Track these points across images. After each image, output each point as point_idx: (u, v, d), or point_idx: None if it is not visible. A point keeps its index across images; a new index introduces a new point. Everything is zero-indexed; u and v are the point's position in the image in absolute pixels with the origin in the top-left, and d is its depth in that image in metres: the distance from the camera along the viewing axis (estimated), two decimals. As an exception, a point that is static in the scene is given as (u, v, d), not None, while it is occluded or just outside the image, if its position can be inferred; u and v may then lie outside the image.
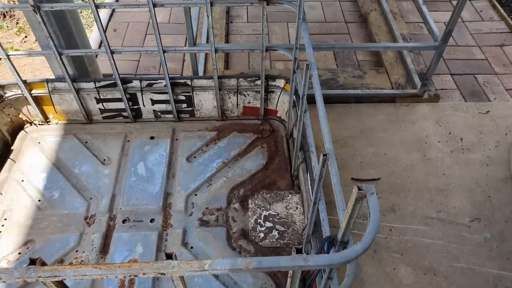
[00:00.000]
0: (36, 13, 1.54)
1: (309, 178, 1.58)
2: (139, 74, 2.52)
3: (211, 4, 1.61)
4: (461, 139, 2.14)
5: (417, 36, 2.82)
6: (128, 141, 2.05)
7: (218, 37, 2.68)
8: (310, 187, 1.57)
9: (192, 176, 1.91)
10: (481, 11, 3.03)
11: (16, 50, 3.13)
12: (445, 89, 2.46)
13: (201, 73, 2.35)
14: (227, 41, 2.73)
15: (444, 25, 2.96)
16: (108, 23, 2.86)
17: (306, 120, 1.55)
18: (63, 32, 1.75)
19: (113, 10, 2.95)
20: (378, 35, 2.71)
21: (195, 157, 2.00)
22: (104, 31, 1.66)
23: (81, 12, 3.30)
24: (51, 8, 1.56)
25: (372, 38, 2.75)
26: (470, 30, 2.88)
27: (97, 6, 1.57)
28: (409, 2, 3.12)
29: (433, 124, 2.21)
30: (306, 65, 1.41)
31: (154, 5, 1.61)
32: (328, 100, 2.32)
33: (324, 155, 1.10)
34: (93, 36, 2.71)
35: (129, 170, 1.91)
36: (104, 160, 1.96)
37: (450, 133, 2.17)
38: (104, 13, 2.88)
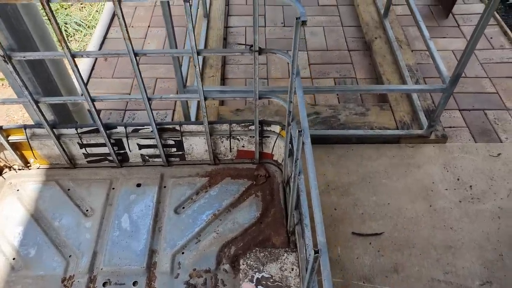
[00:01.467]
0: (7, 63, 1.42)
1: (304, 248, 1.44)
2: (130, 109, 2.39)
3: (198, 54, 1.48)
4: (470, 186, 1.99)
5: (424, 67, 2.67)
6: (113, 188, 1.92)
7: (214, 68, 2.55)
8: (304, 253, 1.44)
9: (179, 230, 1.77)
10: (491, 38, 2.87)
11: None
12: (453, 127, 2.31)
13: (194, 114, 2.22)
14: (223, 73, 2.59)
15: (452, 54, 2.82)
16: (99, 51, 2.74)
17: (300, 185, 1.41)
18: (39, 78, 1.63)
19: (105, 38, 2.83)
20: (382, 66, 2.57)
21: (183, 207, 1.86)
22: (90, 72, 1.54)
23: (73, 36, 3.19)
24: (23, 57, 1.44)
25: (376, 69, 2.61)
26: (480, 59, 2.72)
27: (73, 56, 1.44)
28: (415, 28, 2.97)
29: (440, 168, 2.06)
30: (299, 131, 1.28)
31: (136, 54, 1.48)
32: (329, 140, 2.19)
33: (316, 251, 0.96)
34: (81, 66, 2.59)
35: (113, 223, 1.78)
36: (87, 210, 1.83)
37: (458, 179, 2.02)
38: (95, 42, 2.76)
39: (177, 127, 1.86)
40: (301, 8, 1.29)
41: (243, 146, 1.98)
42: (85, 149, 1.92)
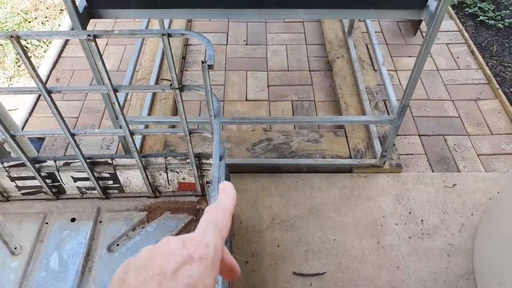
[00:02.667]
0: None
1: None
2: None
3: (116, 91, 1.39)
4: (422, 220, 1.91)
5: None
6: (46, 223, 1.83)
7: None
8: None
9: (111, 271, 1.69)
10: (458, 57, 2.80)
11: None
12: (411, 155, 2.23)
13: (139, 142, 2.12)
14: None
15: (416, 74, 2.74)
16: (51, 71, 2.65)
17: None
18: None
19: (59, 56, 2.74)
20: (341, 88, 2.48)
21: (118, 245, 1.77)
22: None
23: (33, 51, 3.10)
24: None
25: (335, 91, 2.53)
26: (445, 80, 2.65)
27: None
28: (382, 46, 2.89)
29: (392, 201, 1.98)
30: (207, 182, 1.19)
31: (49, 92, 1.39)
32: (279, 169, 2.10)
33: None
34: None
35: (41, 263, 1.70)
36: (15, 248, 1.74)
37: (410, 213, 1.93)
38: (47, 62, 2.67)
39: (109, 161, 1.77)
40: (210, 50, 1.20)
41: (183, 179, 1.89)
42: (16, 182, 1.83)
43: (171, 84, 1.40)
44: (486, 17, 3.12)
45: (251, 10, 1.45)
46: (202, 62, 1.19)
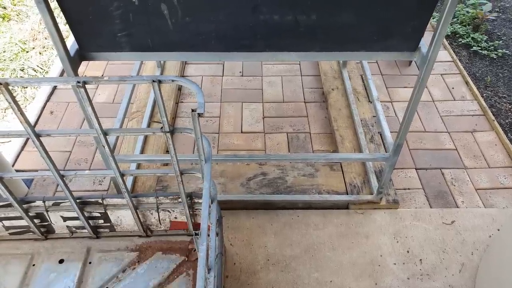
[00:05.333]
0: None
1: None
2: (70, 169, 2.27)
3: (106, 134, 1.37)
4: (421, 260, 1.86)
5: (382, 119, 2.58)
6: (33, 265, 1.78)
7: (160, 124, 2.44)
8: None
9: (98, 316, 1.63)
10: (453, 88, 2.80)
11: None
12: (408, 189, 2.19)
13: (130, 182, 2.09)
14: (173, 125, 2.47)
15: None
16: (46, 103, 2.64)
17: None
18: None
19: (55, 88, 2.74)
20: (336, 121, 2.47)
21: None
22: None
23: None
24: None
25: (331, 123, 2.51)
26: (440, 111, 2.64)
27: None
28: (377, 76, 2.90)
29: (390, 239, 1.93)
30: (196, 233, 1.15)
31: (38, 135, 1.37)
32: (274, 205, 2.07)
33: None
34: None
35: (25, 308, 1.63)
36: (0, 292, 1.69)
37: (408, 251, 1.89)
38: (42, 94, 2.67)
39: (100, 201, 1.73)
40: (200, 97, 1.19)
41: (175, 218, 1.85)
42: (3, 222, 1.79)
43: (162, 127, 1.38)
44: (479, 47, 3.15)
45: (243, 53, 1.45)
46: (192, 111, 1.18)
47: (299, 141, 2.45)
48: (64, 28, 3.36)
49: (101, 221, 1.84)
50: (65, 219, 1.81)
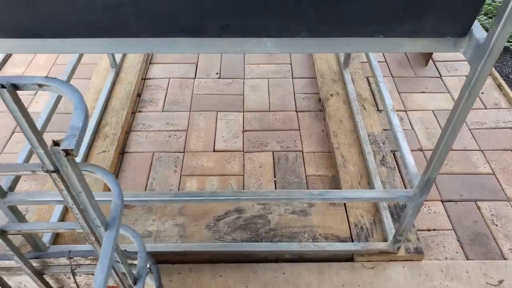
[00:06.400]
0: None
1: None
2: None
3: None
4: None
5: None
6: None
7: (109, 139, 1.88)
8: None
9: None
10: (482, 93, 2.24)
11: None
12: (434, 230, 1.63)
13: (48, 239, 1.50)
14: (124, 145, 1.91)
15: (433, 116, 2.18)
16: (-34, 114, 2.08)
17: None
18: None
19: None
20: (337, 136, 1.91)
21: None
22: None
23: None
24: None
25: (329, 139, 1.95)
26: (469, 123, 2.08)
27: None
28: (386, 78, 2.34)
29: (413, 308, 1.37)
30: None
31: None
32: (250, 257, 1.50)
33: None
34: None
35: None
36: None
37: (440, 329, 1.32)
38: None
39: (-15, 265, 1.18)
40: (78, 116, 0.63)
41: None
42: None
43: (43, 165, 0.81)
44: (511, 43, 2.59)
45: (184, 41, 0.89)
46: (55, 144, 0.61)
47: (288, 162, 1.89)
48: None
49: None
50: None
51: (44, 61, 2.44)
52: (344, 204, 1.63)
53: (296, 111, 2.14)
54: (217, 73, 2.37)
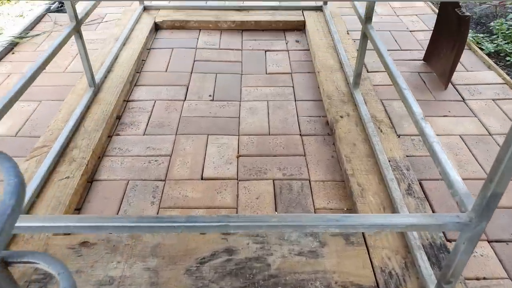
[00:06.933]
0: None
1: None
2: None
3: None
4: None
5: (419, 161, 1.69)
6: None
7: (75, 164, 1.55)
8: None
9: None
10: (514, 117, 1.95)
11: None
12: (484, 279, 1.25)
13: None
14: (93, 171, 1.57)
15: (462, 142, 1.87)
16: None
17: None
18: None
19: None
20: (350, 161, 1.58)
21: None
22: None
23: None
24: None
25: (341, 165, 1.62)
26: (504, 149, 1.76)
27: None
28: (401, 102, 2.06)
29: None
30: None
31: None
32: (242, 314, 1.10)
33: None
34: None
35: None
36: None
37: None
38: None
39: None
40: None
41: None
42: None
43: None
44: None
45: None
46: None
47: (292, 192, 1.54)
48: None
49: None
50: None
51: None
52: (365, 240, 1.26)
53: (300, 134, 1.83)
54: (210, 96, 2.10)
